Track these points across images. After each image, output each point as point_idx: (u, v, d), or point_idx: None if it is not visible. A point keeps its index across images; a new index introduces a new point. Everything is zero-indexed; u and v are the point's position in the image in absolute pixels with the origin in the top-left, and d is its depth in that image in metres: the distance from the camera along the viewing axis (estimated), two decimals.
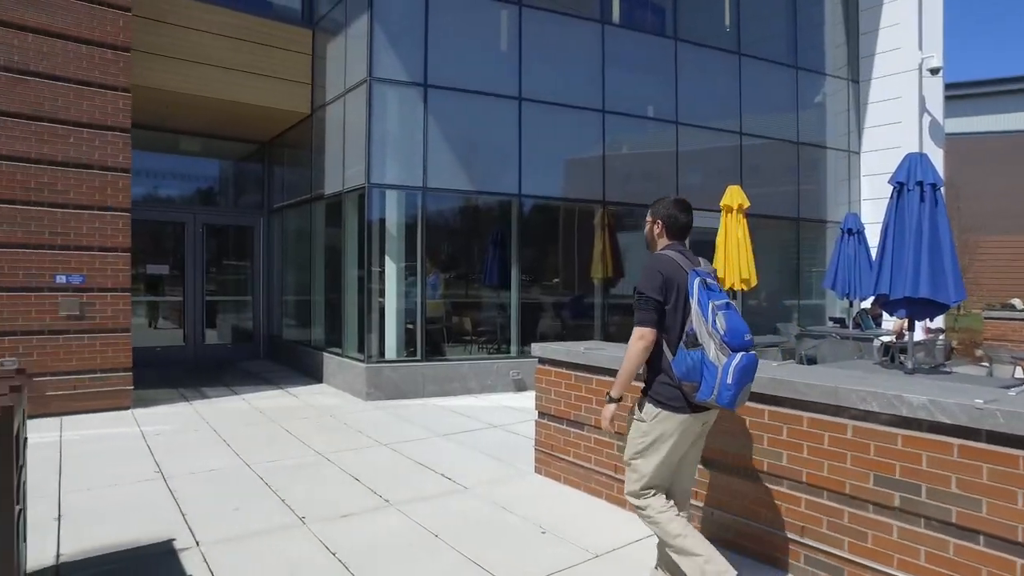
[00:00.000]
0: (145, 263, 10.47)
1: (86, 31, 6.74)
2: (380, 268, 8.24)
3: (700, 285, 2.78)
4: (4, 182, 6.38)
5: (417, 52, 8.35)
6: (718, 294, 2.79)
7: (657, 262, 2.91)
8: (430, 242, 8.52)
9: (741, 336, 2.72)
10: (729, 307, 2.76)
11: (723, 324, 2.70)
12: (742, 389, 2.70)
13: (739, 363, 2.67)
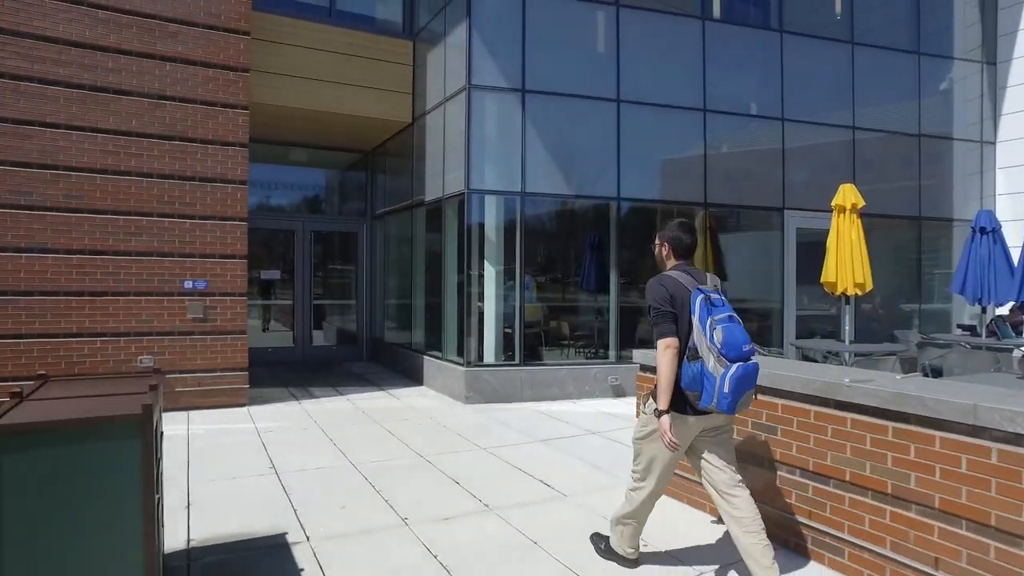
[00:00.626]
0: (259, 269, 11.14)
1: (212, 56, 7.28)
2: (479, 272, 8.35)
3: (702, 302, 3.03)
4: (144, 197, 6.99)
5: (514, 58, 8.42)
6: (720, 308, 3.04)
7: (659, 280, 3.22)
8: (528, 246, 8.55)
9: (739, 348, 2.95)
10: (731, 320, 3.01)
11: (720, 338, 2.94)
12: (740, 396, 2.95)
13: (735, 373, 2.91)
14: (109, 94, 6.86)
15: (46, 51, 6.63)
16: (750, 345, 3.03)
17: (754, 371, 3.00)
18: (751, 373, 2.98)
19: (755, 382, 3.04)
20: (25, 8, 6.56)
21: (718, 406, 2.95)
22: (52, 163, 6.66)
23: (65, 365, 6.73)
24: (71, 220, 6.73)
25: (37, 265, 6.62)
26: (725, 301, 3.12)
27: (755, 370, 3.02)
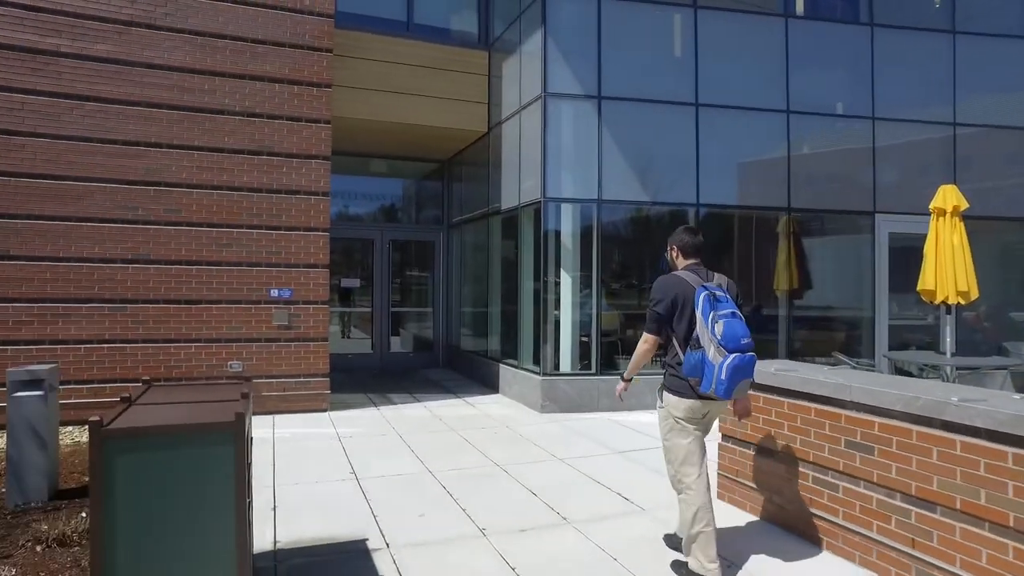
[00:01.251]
0: (339, 277, 11.50)
1: (297, 74, 7.59)
2: (555, 281, 8.31)
3: (706, 298, 3.35)
4: (235, 209, 7.36)
5: (590, 65, 8.36)
6: (724, 304, 3.35)
7: (663, 281, 3.58)
8: (604, 253, 8.45)
9: (738, 340, 3.24)
10: (733, 316, 3.31)
11: (720, 330, 3.25)
12: (736, 384, 3.26)
13: (732, 362, 3.21)
14: (205, 114, 7.26)
15: (152, 77, 7.09)
16: (749, 339, 3.31)
17: (750, 362, 3.30)
18: (747, 364, 3.28)
19: (751, 373, 3.35)
20: (136, 40, 7.05)
21: (716, 391, 3.28)
22: (155, 180, 7.11)
23: (164, 369, 7.14)
24: (170, 233, 7.16)
25: (141, 275, 7.07)
26: (730, 299, 3.42)
27: (751, 361, 3.31)
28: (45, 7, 6.79)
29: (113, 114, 6.98)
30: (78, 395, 6.83)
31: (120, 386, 6.98)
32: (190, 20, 7.24)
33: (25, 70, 6.73)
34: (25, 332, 6.78)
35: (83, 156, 6.90)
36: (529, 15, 8.79)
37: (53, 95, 6.81)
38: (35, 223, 6.78)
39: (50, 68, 6.80)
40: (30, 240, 6.77)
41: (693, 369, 3.35)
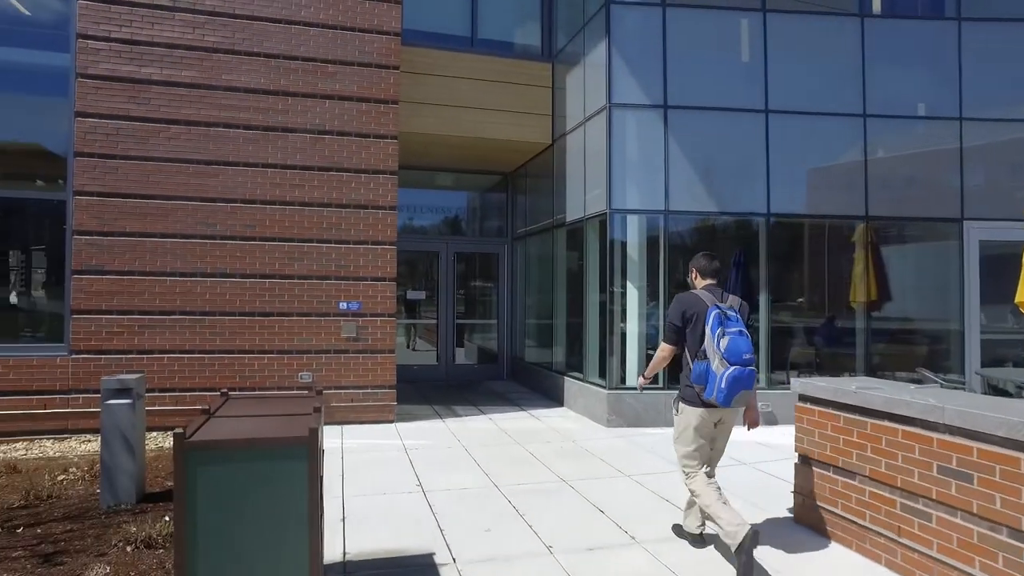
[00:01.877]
0: (405, 288, 11.69)
1: (365, 91, 7.79)
2: (621, 292, 8.20)
3: (717, 316, 3.82)
4: (306, 224, 7.60)
5: (655, 74, 8.25)
6: (732, 323, 3.80)
7: (680, 298, 4.10)
8: (671, 265, 8.29)
9: (740, 355, 3.71)
10: (740, 334, 3.77)
11: (725, 345, 3.72)
12: (735, 393, 3.71)
13: (731, 374, 3.68)
14: (278, 132, 7.54)
15: (230, 99, 7.43)
16: (750, 355, 3.76)
17: (749, 375, 3.74)
18: (745, 376, 3.73)
19: (750, 385, 3.78)
20: (217, 65, 7.41)
21: (716, 398, 3.75)
22: (231, 197, 7.42)
23: (239, 379, 7.41)
24: (245, 248, 7.44)
25: (219, 288, 7.38)
26: (740, 319, 3.88)
27: (750, 375, 3.75)
28: (142, 40, 7.23)
29: (195, 135, 7.34)
30: (161, 402, 7.16)
31: (199, 395, 7.30)
32: (265, 44, 7.55)
33: (123, 98, 7.17)
34: (116, 342, 7.17)
35: (168, 176, 7.27)
36: (593, 26, 8.75)
37: (144, 120, 7.22)
38: (125, 240, 7.18)
39: (143, 95, 7.22)
40: (121, 256, 7.17)
41: (699, 377, 3.86)
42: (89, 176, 7.10)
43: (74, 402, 7.06)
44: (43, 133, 7.50)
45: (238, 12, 7.48)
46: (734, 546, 3.54)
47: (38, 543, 4.08)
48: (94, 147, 7.12)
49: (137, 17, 7.23)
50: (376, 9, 7.85)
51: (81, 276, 7.08)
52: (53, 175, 7.33)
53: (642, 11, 8.45)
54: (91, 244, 7.11)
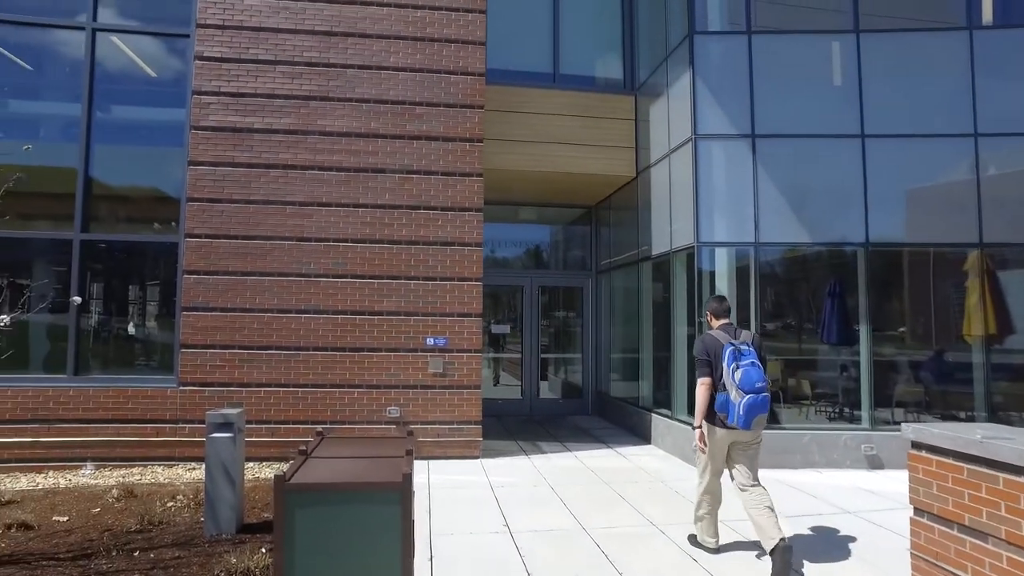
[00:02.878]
0: (489, 322, 11.78)
1: (451, 131, 8.01)
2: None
3: (731, 352, 4.39)
4: (394, 262, 7.82)
5: (742, 103, 8.05)
6: (745, 356, 4.35)
7: (701, 339, 4.70)
8: (762, 298, 7.96)
9: (752, 384, 4.27)
10: (752, 365, 4.31)
11: (739, 377, 4.29)
12: (752, 418, 4.29)
13: (747, 401, 4.25)
14: (368, 173, 7.85)
15: (324, 143, 7.82)
16: (763, 383, 4.32)
17: (763, 401, 4.31)
18: (759, 403, 4.30)
19: (765, 409, 4.34)
20: (313, 111, 7.83)
21: (737, 423, 4.34)
22: (324, 237, 7.75)
23: (330, 412, 7.63)
24: (337, 285, 7.72)
25: (312, 324, 7.67)
26: (753, 351, 4.42)
27: (764, 401, 4.31)
28: (247, 92, 7.76)
29: (292, 179, 7.75)
30: (257, 434, 7.45)
31: (293, 427, 7.56)
32: (357, 89, 7.91)
33: (228, 146, 7.69)
34: (218, 375, 7.56)
35: (267, 217, 7.68)
36: (676, 57, 8.68)
37: (247, 165, 7.70)
38: (228, 278, 7.61)
39: (246, 143, 7.71)
40: (224, 293, 7.60)
41: (721, 406, 4.44)
42: (198, 219, 7.61)
43: (181, 431, 7.47)
44: (161, 180, 8.11)
45: (332, 62, 7.90)
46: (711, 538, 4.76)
47: (151, 568, 4.30)
48: (203, 192, 7.63)
49: (243, 72, 7.76)
50: (461, 52, 8.10)
51: (189, 312, 7.54)
52: (168, 218, 7.90)
53: (726, 40, 8.32)
54: (199, 283, 7.58)
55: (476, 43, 8.14)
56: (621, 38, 10.46)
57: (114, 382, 7.53)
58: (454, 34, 8.10)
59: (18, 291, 8.00)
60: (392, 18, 8.03)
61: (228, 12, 7.83)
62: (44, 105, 8.39)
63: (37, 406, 7.34)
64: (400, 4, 8.05)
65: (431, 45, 8.05)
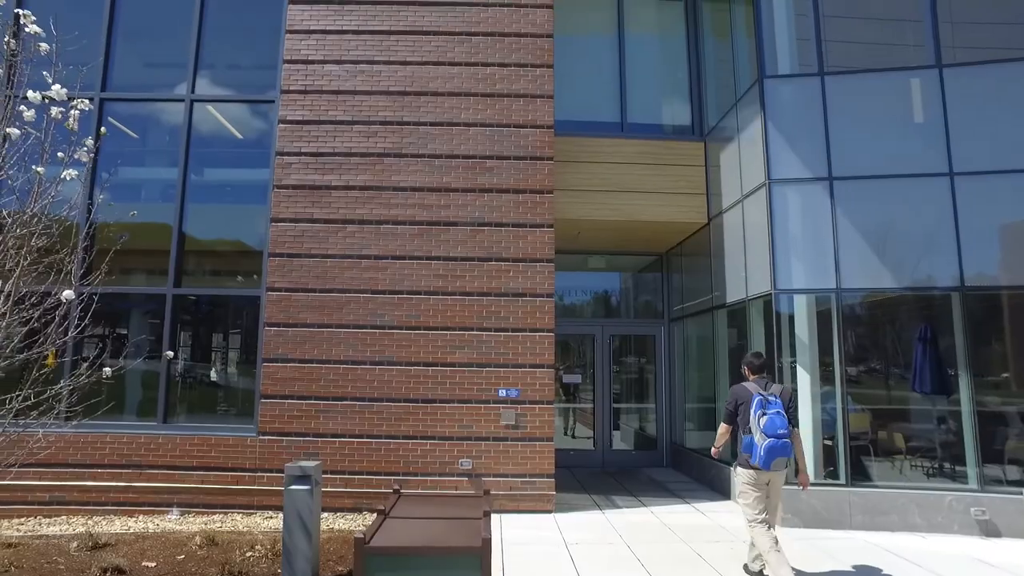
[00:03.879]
0: (560, 371, 11.65)
1: (521, 183, 8.13)
2: (791, 378, 7.59)
3: (759, 402, 5.08)
4: (466, 313, 7.90)
5: (817, 146, 7.85)
6: (772, 406, 5.04)
7: (734, 389, 5.41)
8: (847, 347, 7.58)
9: (775, 430, 4.95)
10: (777, 414, 4.99)
11: (764, 423, 4.98)
12: (773, 459, 4.95)
13: (767, 444, 4.93)
14: (440, 227, 8.02)
15: (397, 199, 8.07)
16: (784, 430, 4.97)
17: (783, 446, 4.95)
18: (779, 447, 4.93)
19: (785, 453, 4.97)
20: (387, 168, 8.13)
21: (759, 463, 4.98)
22: (398, 289, 7.92)
23: (403, 464, 7.65)
24: (411, 337, 7.84)
25: (386, 376, 7.79)
26: (779, 402, 5.09)
27: (784, 445, 4.96)
28: (326, 151, 8.16)
29: (367, 233, 8.00)
30: (332, 484, 7.54)
31: (367, 478, 7.62)
32: (429, 145, 8.17)
33: (307, 203, 8.06)
34: (295, 425, 7.74)
35: (342, 272, 7.93)
36: (746, 101, 8.58)
37: (325, 221, 8.02)
38: (306, 330, 7.86)
39: (324, 199, 8.06)
40: (301, 345, 7.83)
41: (747, 447, 5.13)
42: (279, 274, 7.93)
43: (260, 480, 7.64)
44: (246, 235, 8.55)
45: (406, 120, 8.21)
46: None
47: None
48: (284, 248, 7.97)
49: (323, 132, 8.16)
50: (530, 106, 8.27)
51: (269, 363, 7.80)
52: (250, 271, 8.27)
53: (798, 83, 8.18)
54: (278, 335, 7.85)
55: (544, 96, 8.30)
56: (688, 84, 10.44)
57: (199, 430, 7.82)
58: (523, 89, 8.30)
59: (117, 340, 8.54)
60: (463, 76, 8.31)
61: (310, 78, 8.30)
62: (146, 170, 9.05)
63: (131, 452, 7.70)
64: (470, 63, 8.33)
65: (501, 100, 8.26)
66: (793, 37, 8.49)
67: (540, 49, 8.39)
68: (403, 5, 8.49)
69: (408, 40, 8.40)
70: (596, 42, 10.55)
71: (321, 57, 8.36)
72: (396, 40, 8.40)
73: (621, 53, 10.41)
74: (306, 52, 8.38)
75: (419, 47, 8.38)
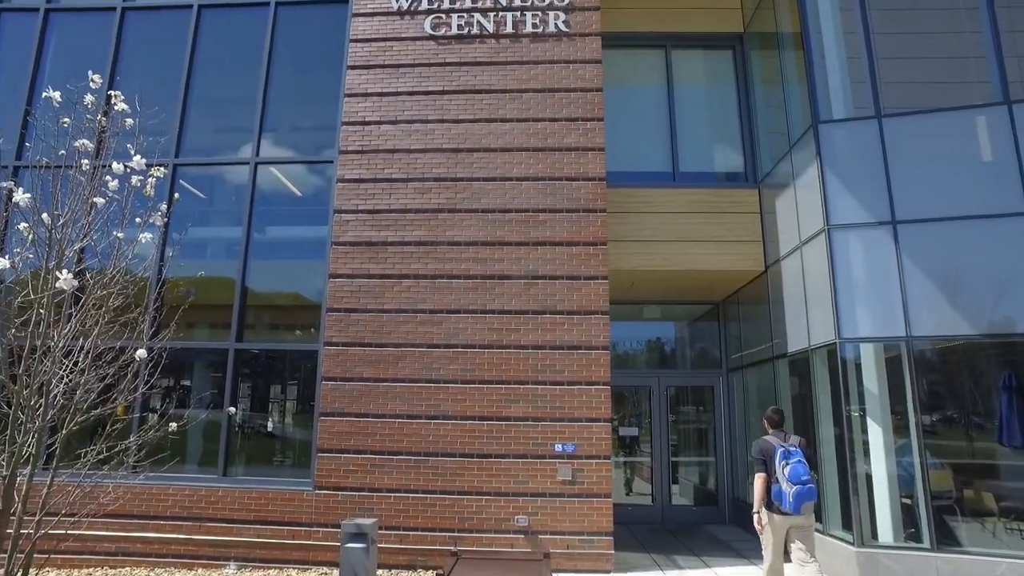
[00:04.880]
0: (616, 424, 11.38)
1: (574, 236, 8.14)
2: (861, 429, 7.23)
3: (782, 453, 5.68)
4: (521, 367, 7.85)
5: (878, 189, 7.63)
6: (793, 455, 5.64)
7: (757, 442, 5.99)
8: (922, 398, 7.18)
9: (799, 478, 5.53)
10: (799, 463, 5.59)
11: (788, 472, 5.58)
12: (801, 504, 5.53)
13: (795, 491, 5.51)
14: (494, 280, 8.07)
15: (451, 253, 8.19)
16: (807, 476, 5.56)
17: (809, 491, 5.51)
18: (805, 492, 5.49)
19: (811, 497, 5.54)
20: (441, 223, 8.29)
21: (789, 509, 5.54)
22: (453, 343, 7.95)
23: (458, 520, 7.53)
24: (466, 391, 7.82)
25: (440, 431, 7.75)
26: (800, 452, 5.68)
27: (810, 490, 5.52)
28: (382, 208, 8.39)
29: (422, 288, 8.11)
30: (387, 540, 7.46)
31: (422, 534, 7.52)
32: (483, 200, 8.29)
33: (364, 259, 8.25)
34: (351, 480, 7.74)
35: (398, 326, 8.03)
36: (800, 147, 8.46)
37: (381, 277, 8.18)
38: (362, 385, 7.93)
39: (380, 255, 8.24)
40: (357, 399, 7.90)
41: (776, 496, 5.65)
42: (336, 328, 8.08)
43: (315, 535, 7.63)
44: (304, 290, 8.78)
45: (459, 176, 8.38)
46: None
47: None
48: (341, 303, 8.13)
49: (379, 190, 8.40)
50: (582, 159, 8.34)
51: (326, 418, 7.88)
52: (308, 325, 8.46)
53: (854, 127, 8.02)
54: (335, 389, 7.94)
55: (596, 149, 8.36)
56: (739, 131, 10.37)
57: (258, 483, 7.91)
58: (574, 142, 8.39)
59: (181, 391, 8.80)
60: (515, 132, 8.47)
61: (367, 138, 8.60)
62: (211, 229, 9.46)
63: (192, 504, 7.82)
64: (522, 119, 8.50)
65: (552, 154, 8.37)
66: (846, 80, 8.37)
67: (590, 103, 8.51)
68: (455, 66, 8.77)
69: (460, 99, 8.65)
70: (645, 92, 10.64)
71: (377, 118, 8.67)
72: (449, 99, 8.66)
73: (670, 102, 10.45)
74: (363, 114, 8.71)
75: (471, 105, 8.61)
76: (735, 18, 10.62)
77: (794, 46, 8.84)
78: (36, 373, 4.36)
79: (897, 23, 8.35)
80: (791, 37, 8.95)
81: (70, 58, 9.72)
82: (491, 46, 8.82)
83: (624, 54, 10.48)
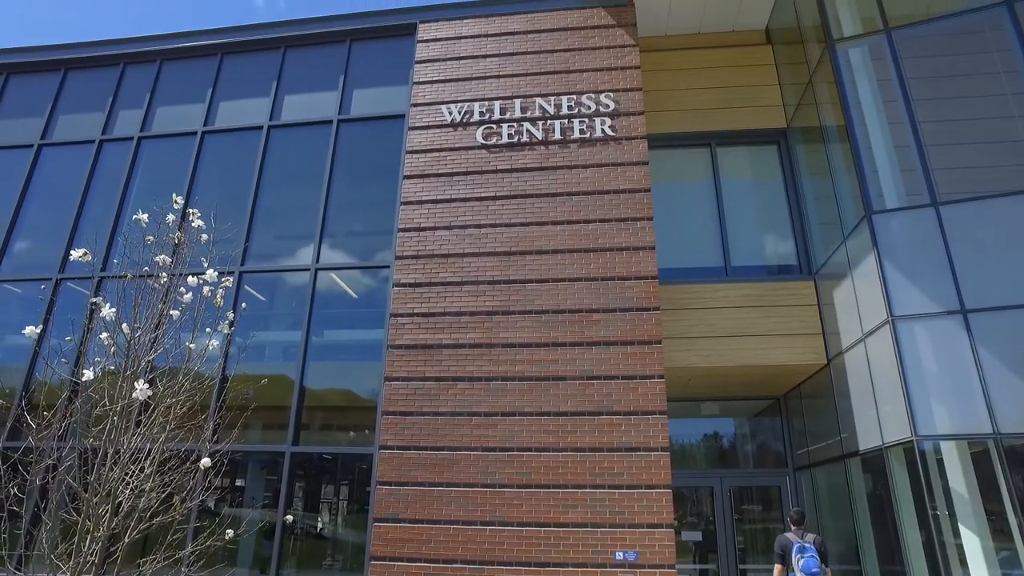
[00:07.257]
0: (679, 529, 10.79)
1: (629, 335, 8.11)
2: (952, 533, 6.67)
3: (798, 547, 6.97)
4: (578, 470, 7.64)
5: (942, 277, 7.40)
6: (807, 550, 6.94)
7: (779, 539, 7.28)
8: (1015, 490, 6.63)
9: (810, 569, 6.78)
10: (812, 557, 6.88)
11: (801, 563, 6.84)
12: None
13: None
14: (549, 381, 8.02)
15: (506, 355, 8.22)
16: (817, 569, 6.79)
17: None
18: None
19: None
20: (495, 325, 8.39)
21: None
22: (508, 446, 7.83)
23: None
24: (521, 496, 7.61)
25: (497, 537, 7.50)
26: (813, 548, 6.99)
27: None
28: (437, 312, 8.58)
29: (477, 390, 8.10)
30: None
31: None
32: (536, 302, 8.39)
33: (419, 362, 8.36)
34: None
35: (453, 429, 7.98)
36: (855, 237, 8.35)
37: (436, 379, 8.23)
38: (416, 489, 7.82)
39: (435, 358, 8.33)
40: (412, 504, 7.76)
41: None
42: (392, 432, 8.08)
43: None
44: (361, 391, 8.89)
45: (512, 278, 8.54)
46: None
47: None
48: (397, 406, 8.17)
49: (434, 294, 8.61)
50: (633, 258, 8.42)
51: (380, 524, 7.74)
52: (363, 426, 8.49)
53: (910, 215, 7.91)
54: (390, 493, 7.84)
55: (646, 248, 8.45)
56: (790, 224, 10.34)
57: None
58: (624, 242, 8.51)
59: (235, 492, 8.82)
60: (566, 234, 8.66)
61: (422, 244, 8.91)
62: (271, 333, 9.78)
63: None
64: (572, 221, 8.71)
65: (604, 255, 8.48)
66: (896, 169, 8.34)
67: (639, 203, 8.69)
68: (506, 172, 9.14)
69: (512, 203, 8.95)
70: (692, 189, 10.80)
71: (432, 224, 9.02)
72: (501, 204, 8.97)
73: (718, 197, 10.56)
74: (418, 220, 9.08)
75: (522, 209, 8.89)
76: (777, 115, 10.84)
77: (840, 139, 8.93)
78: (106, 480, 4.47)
79: (941, 111, 8.38)
80: (836, 130, 9.05)
81: (155, 175, 10.57)
82: (540, 152, 9.20)
83: (670, 153, 10.74)
